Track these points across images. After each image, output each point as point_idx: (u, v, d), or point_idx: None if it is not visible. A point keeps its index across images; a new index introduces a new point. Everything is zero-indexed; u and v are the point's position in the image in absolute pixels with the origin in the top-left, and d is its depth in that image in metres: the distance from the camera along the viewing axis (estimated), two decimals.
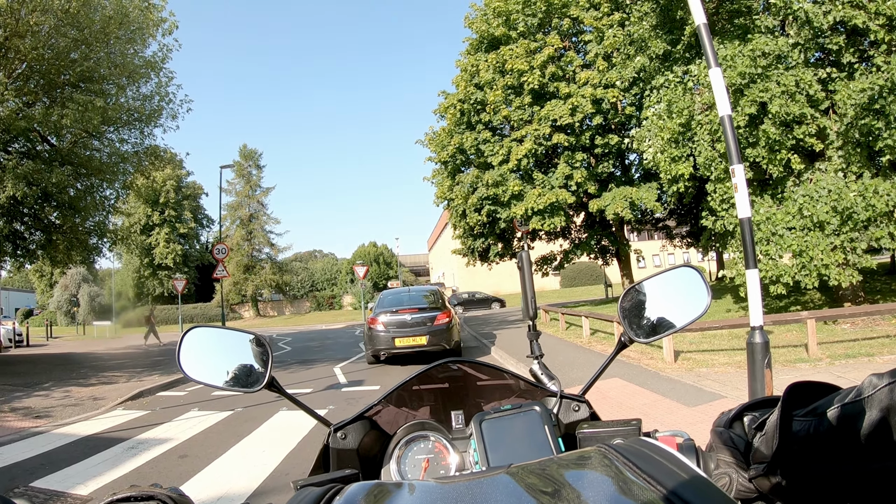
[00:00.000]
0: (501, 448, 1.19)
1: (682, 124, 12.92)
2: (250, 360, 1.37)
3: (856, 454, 0.63)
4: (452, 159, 22.61)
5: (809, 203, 11.46)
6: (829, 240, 11.19)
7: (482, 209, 21.60)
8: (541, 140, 20.30)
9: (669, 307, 1.36)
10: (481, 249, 24.80)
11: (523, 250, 1.76)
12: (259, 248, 59.37)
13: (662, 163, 13.37)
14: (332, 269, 70.19)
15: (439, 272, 70.74)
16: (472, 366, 1.56)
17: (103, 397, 10.58)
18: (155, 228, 60.34)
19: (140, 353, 21.32)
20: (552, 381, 1.47)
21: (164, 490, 0.80)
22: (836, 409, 0.66)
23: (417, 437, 1.42)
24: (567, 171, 20.26)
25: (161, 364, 15.57)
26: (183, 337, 1.38)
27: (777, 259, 11.49)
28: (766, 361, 4.76)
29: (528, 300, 1.56)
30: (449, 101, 22.72)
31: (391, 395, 1.49)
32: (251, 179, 59.60)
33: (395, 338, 12.05)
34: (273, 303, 62.92)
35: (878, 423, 0.59)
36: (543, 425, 1.23)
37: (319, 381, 10.70)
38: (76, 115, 13.66)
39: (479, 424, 1.25)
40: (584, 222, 25.43)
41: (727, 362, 9.24)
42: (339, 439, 1.36)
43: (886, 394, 0.58)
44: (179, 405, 9.55)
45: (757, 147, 12.31)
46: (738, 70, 11.63)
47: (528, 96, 20.72)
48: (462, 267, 35.99)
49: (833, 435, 0.65)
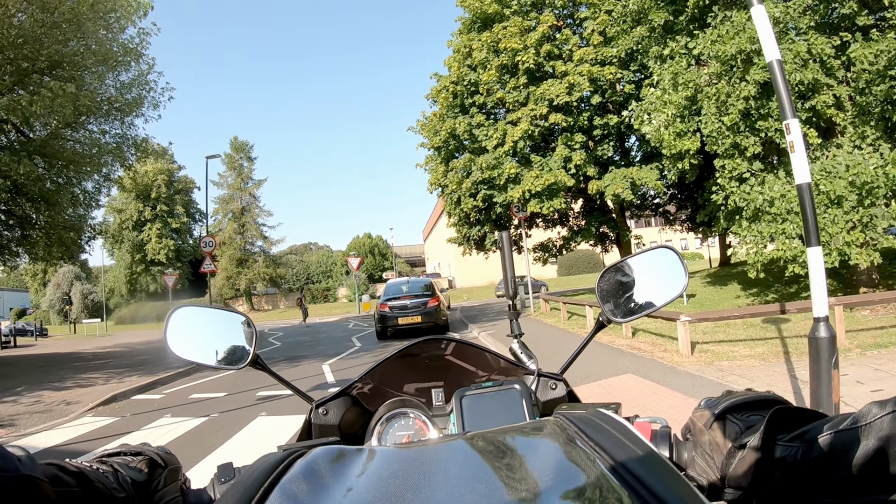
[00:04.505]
0: (479, 424, 1.19)
1: (689, 97, 12.16)
2: (235, 339, 1.39)
3: (845, 485, 0.59)
4: (445, 145, 21.67)
5: (826, 178, 10.74)
6: (847, 217, 10.49)
7: (478, 194, 20.68)
8: (537, 121, 19.40)
9: (647, 287, 1.37)
10: (477, 237, 23.92)
11: (503, 230, 1.82)
12: (252, 242, 58.68)
13: (667, 138, 12.57)
14: (327, 261, 70.31)
15: (435, 262, 70.87)
16: (453, 344, 1.56)
17: (76, 402, 9.85)
18: (147, 224, 60.25)
19: (126, 350, 20.73)
20: (531, 359, 1.48)
21: (151, 448, 0.89)
22: (829, 435, 0.61)
23: (398, 414, 1.41)
24: (566, 153, 19.39)
25: (145, 364, 14.84)
26: (169, 316, 1.38)
27: (794, 238, 10.75)
28: (834, 361, 3.94)
29: (509, 280, 1.56)
30: (441, 83, 21.81)
31: (373, 372, 1.51)
32: (242, 172, 58.78)
33: (399, 317, 16.38)
34: (267, 296, 62.31)
35: (874, 453, 0.55)
36: (522, 402, 1.26)
37: (305, 381, 9.88)
38: (46, 102, 12.85)
39: (460, 400, 1.26)
40: (582, 208, 24.71)
41: (749, 354, 8.47)
42: (321, 415, 1.38)
43: (889, 423, 0.55)
44: (152, 410, 8.79)
45: (769, 119, 11.59)
46: (748, 35, 10.90)
47: (523, 76, 19.80)
48: (458, 257, 35.48)
49: (822, 463, 0.61)
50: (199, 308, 1.44)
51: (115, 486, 0.75)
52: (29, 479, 0.58)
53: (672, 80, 12.51)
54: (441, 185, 22.56)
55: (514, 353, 1.50)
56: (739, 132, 11.78)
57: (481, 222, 22.93)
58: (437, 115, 22.16)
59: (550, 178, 18.73)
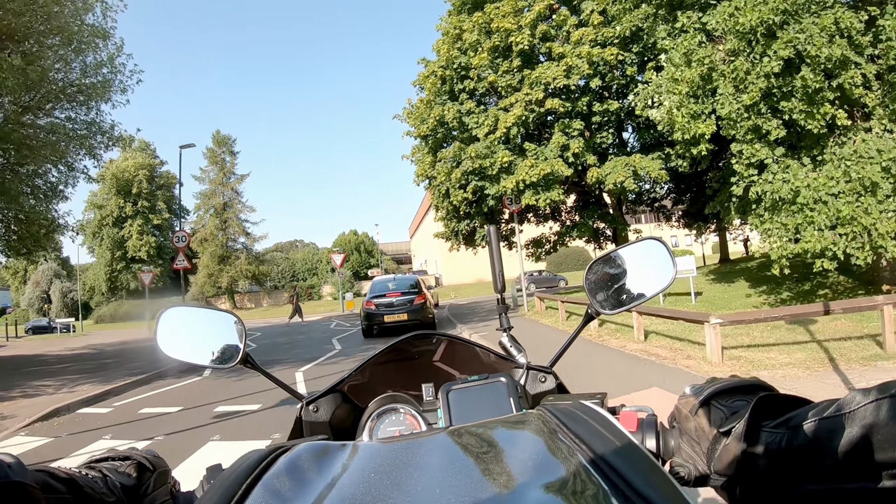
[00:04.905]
0: (466, 417, 1.20)
1: (703, 75, 11.03)
2: (225, 338, 1.37)
3: (830, 472, 0.59)
4: (433, 133, 20.31)
5: (857, 164, 9.67)
6: (881, 206, 9.42)
7: (468, 185, 19.27)
8: (532, 106, 18.11)
9: (635, 279, 1.34)
10: (466, 232, 22.65)
11: (490, 224, 1.39)
12: (234, 238, 57.44)
13: (679, 120, 11.42)
14: (312, 258, 69.35)
15: (421, 259, 70.70)
16: (443, 339, 1.57)
17: (12, 416, 8.58)
18: (128, 220, 58.82)
19: (94, 353, 19.45)
20: (520, 353, 1.48)
21: (140, 452, 0.90)
22: (813, 422, 0.62)
23: (389, 410, 1.40)
24: (563, 141, 18.07)
25: (107, 369, 13.56)
26: (159, 317, 1.36)
27: (824, 229, 9.65)
28: None
29: (497, 274, 1.56)
30: (429, 68, 20.44)
31: (363, 368, 1.50)
32: (225, 166, 57.40)
33: (385, 315, 16.21)
34: (251, 294, 61.00)
35: (858, 440, 0.56)
36: (508, 395, 1.26)
37: (273, 394, 8.62)
38: None
39: (447, 395, 1.27)
40: (576, 202, 23.55)
41: (789, 361, 7.32)
42: (312, 412, 1.38)
43: (872, 410, 0.55)
44: (93, 430, 7.50)
45: (792, 99, 10.51)
46: (771, 5, 9.80)
47: (516, 59, 18.52)
48: (445, 253, 34.41)
49: (807, 450, 0.62)
50: (188, 308, 1.44)
51: (104, 492, 0.76)
52: (20, 486, 0.57)
53: (685, 57, 11.38)
54: (428, 176, 21.25)
55: (504, 347, 1.52)
56: (760, 114, 10.69)
57: (471, 216, 21.59)
58: (425, 101, 20.82)
59: (546, 167, 17.46)
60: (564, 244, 23.19)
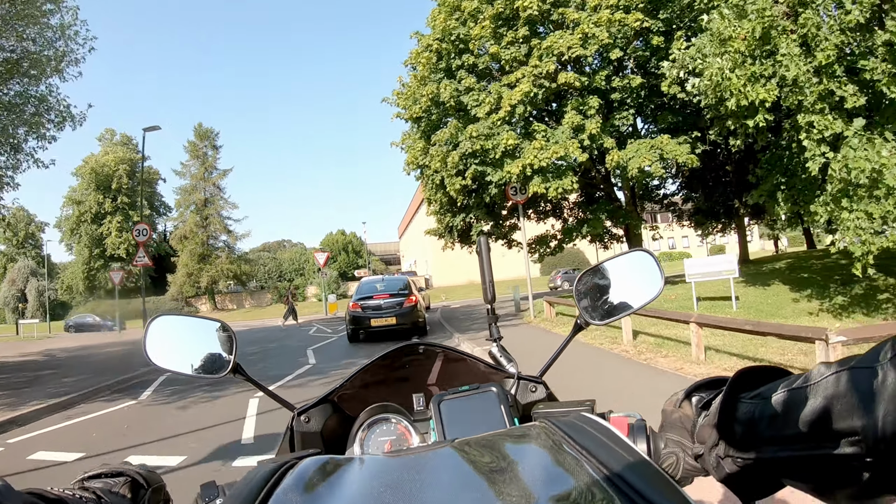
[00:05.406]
0: (458, 428, 1.17)
1: (762, 29, 8.91)
2: (215, 347, 1.35)
3: (796, 440, 0.62)
4: (426, 114, 18.04)
5: None
6: None
7: (466, 170, 16.97)
8: (542, 81, 15.82)
9: (624, 290, 1.34)
10: (461, 228, 20.44)
11: (482, 234, 1.66)
12: (215, 236, 55.34)
13: (735, 82, 9.21)
14: (300, 258, 68.01)
15: (411, 260, 69.25)
16: (434, 349, 1.54)
17: None
18: (107, 217, 57.22)
19: (41, 361, 17.23)
20: (510, 362, 1.47)
21: (133, 467, 0.89)
22: (782, 393, 0.65)
23: (380, 420, 1.36)
24: (577, 121, 15.72)
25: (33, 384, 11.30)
26: (148, 325, 1.33)
27: None
28: None
29: (487, 285, 1.54)
30: (423, 43, 18.17)
31: (354, 378, 1.47)
32: (206, 161, 55.30)
33: (372, 318, 15.04)
34: (232, 295, 58.81)
35: (820, 410, 0.58)
36: (500, 405, 1.23)
37: (212, 436, 6.38)
38: None
39: (438, 405, 1.24)
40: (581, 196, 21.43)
41: None
42: (303, 423, 1.35)
43: (832, 382, 0.57)
44: None
45: (871, 59, 8.47)
46: None
47: (523, 27, 16.20)
48: (437, 252, 32.41)
49: (775, 419, 0.65)
50: (178, 316, 1.40)
51: None
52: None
53: (736, 10, 9.25)
54: (420, 165, 19.01)
55: (494, 357, 1.51)
56: (835, 76, 8.60)
57: (469, 208, 19.41)
58: (417, 77, 18.56)
59: (560, 149, 15.22)
60: (573, 241, 20.80)
